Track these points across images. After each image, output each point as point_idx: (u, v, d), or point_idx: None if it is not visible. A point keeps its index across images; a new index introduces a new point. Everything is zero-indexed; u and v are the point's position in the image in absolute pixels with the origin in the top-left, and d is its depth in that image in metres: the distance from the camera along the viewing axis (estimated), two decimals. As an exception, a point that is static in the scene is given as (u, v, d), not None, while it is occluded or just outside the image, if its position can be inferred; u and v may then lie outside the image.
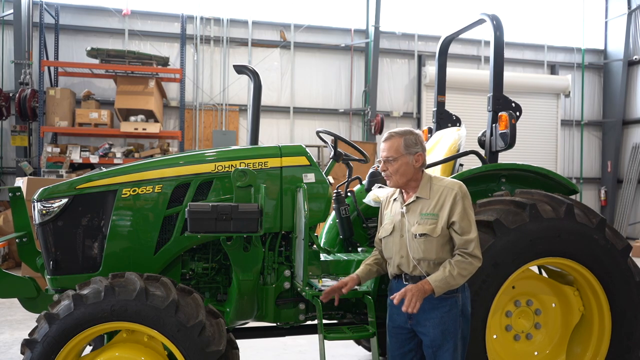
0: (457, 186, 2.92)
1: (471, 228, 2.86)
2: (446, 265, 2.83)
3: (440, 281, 2.81)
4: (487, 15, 4.00)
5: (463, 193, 2.89)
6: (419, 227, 2.90)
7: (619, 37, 16.42)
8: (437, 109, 4.75)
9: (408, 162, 2.95)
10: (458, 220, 2.85)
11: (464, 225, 2.85)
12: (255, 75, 4.05)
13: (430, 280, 2.81)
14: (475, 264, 2.84)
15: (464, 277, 2.83)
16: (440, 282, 2.81)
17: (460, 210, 2.86)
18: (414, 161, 2.96)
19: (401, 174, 2.98)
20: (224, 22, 13.95)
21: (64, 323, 2.84)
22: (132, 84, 11.95)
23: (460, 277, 2.82)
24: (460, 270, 2.81)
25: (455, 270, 2.81)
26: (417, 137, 3.01)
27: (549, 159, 15.87)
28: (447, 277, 2.80)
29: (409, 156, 2.95)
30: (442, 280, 2.80)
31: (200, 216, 3.19)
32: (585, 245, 3.51)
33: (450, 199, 2.88)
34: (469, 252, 2.82)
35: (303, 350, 5.26)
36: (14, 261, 9.31)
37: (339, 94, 14.79)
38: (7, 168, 12.83)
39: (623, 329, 3.60)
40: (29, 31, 12.42)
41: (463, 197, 2.88)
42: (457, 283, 2.83)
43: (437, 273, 2.83)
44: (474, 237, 2.84)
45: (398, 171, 2.97)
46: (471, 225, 2.87)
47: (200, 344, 2.88)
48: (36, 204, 3.40)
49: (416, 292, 2.78)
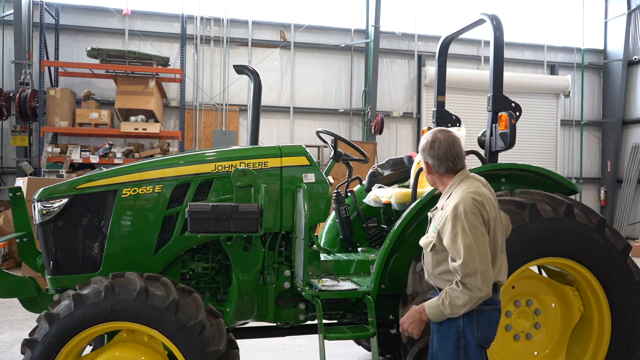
0: (456, 201, 2.62)
1: (460, 254, 2.54)
2: (442, 293, 2.64)
3: (433, 308, 2.65)
4: (487, 15, 4.00)
5: (459, 212, 2.58)
6: (424, 238, 2.83)
7: (618, 37, 16.41)
8: (437, 109, 4.75)
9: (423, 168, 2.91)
10: (446, 243, 2.62)
11: (452, 250, 2.60)
12: (255, 75, 4.05)
13: (425, 306, 2.69)
14: (467, 295, 2.53)
15: (459, 307, 2.56)
16: (433, 309, 2.66)
17: (449, 232, 2.59)
18: (425, 169, 2.89)
19: (426, 179, 2.97)
20: (224, 22, 13.95)
21: (64, 323, 2.84)
22: (132, 84, 11.94)
23: (453, 306, 2.57)
24: (451, 300, 2.58)
25: (447, 299, 2.59)
26: (428, 144, 2.80)
27: (548, 159, 15.87)
28: (439, 305, 2.63)
29: (423, 163, 2.89)
30: (435, 307, 2.65)
31: (200, 216, 3.19)
32: (585, 245, 3.51)
33: (445, 215, 2.65)
34: (460, 279, 2.55)
35: (303, 350, 5.26)
36: (14, 261, 9.31)
37: (339, 94, 14.78)
38: (7, 168, 12.83)
39: (623, 329, 3.59)
40: (29, 31, 12.42)
41: (456, 217, 2.58)
42: (452, 312, 2.59)
43: (433, 300, 2.69)
44: (459, 264, 2.54)
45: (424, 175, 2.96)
46: (460, 251, 2.54)
47: (200, 344, 2.89)
48: (36, 204, 3.40)
49: (410, 321, 2.74)
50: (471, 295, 2.53)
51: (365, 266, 3.87)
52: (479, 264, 2.53)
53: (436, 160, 2.78)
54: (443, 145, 2.76)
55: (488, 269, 2.56)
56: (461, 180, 2.77)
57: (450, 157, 2.76)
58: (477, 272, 2.52)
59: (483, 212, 2.62)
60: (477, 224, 2.58)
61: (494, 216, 2.69)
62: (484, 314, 2.67)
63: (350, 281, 3.55)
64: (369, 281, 3.53)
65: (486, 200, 2.67)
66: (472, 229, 2.56)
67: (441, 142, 2.76)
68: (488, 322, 2.69)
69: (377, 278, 3.45)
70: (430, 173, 2.86)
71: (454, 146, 2.78)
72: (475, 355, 2.68)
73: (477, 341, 2.67)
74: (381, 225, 4.43)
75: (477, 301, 2.57)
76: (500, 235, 2.72)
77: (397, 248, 3.55)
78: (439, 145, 2.76)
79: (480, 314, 2.66)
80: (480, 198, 2.64)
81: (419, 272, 3.27)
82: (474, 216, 2.57)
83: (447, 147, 2.76)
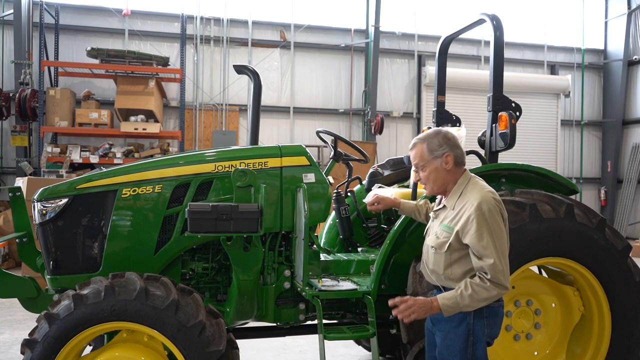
0: (479, 200, 2.59)
1: (489, 252, 2.52)
2: (461, 285, 2.58)
3: (449, 299, 2.57)
4: (487, 15, 4.00)
5: (484, 211, 2.55)
6: (433, 238, 2.78)
7: (618, 37, 16.41)
8: (437, 109, 4.74)
9: (437, 167, 2.75)
10: (471, 242, 2.57)
11: (479, 249, 2.55)
12: (255, 75, 4.05)
13: (440, 297, 2.60)
14: (495, 291, 2.52)
15: (477, 301, 2.54)
16: (449, 300, 2.57)
17: (474, 230, 2.55)
18: (443, 164, 2.74)
19: (433, 181, 2.80)
20: (224, 22, 13.95)
21: (64, 323, 2.84)
22: (132, 84, 11.94)
23: (472, 299, 2.53)
24: (473, 292, 2.52)
25: (468, 290, 2.54)
26: (443, 138, 2.75)
27: (549, 159, 15.87)
28: (457, 296, 2.56)
29: (435, 160, 2.75)
30: (452, 299, 2.57)
31: (200, 216, 3.19)
32: (585, 245, 3.51)
33: (466, 215, 2.60)
34: (490, 277, 2.52)
35: (303, 350, 5.26)
36: (14, 261, 9.31)
37: (339, 94, 14.78)
38: (7, 168, 12.83)
39: (623, 329, 3.59)
40: (29, 31, 12.42)
41: (481, 216, 2.55)
42: (467, 305, 2.55)
43: (450, 292, 2.61)
44: (491, 262, 2.51)
45: (429, 178, 2.80)
46: (489, 249, 2.52)
47: (200, 344, 2.88)
48: (36, 204, 3.40)
49: (419, 304, 2.58)
50: (498, 292, 2.55)
51: (365, 266, 3.87)
52: (504, 263, 2.56)
53: (459, 150, 2.77)
54: (456, 139, 2.80)
55: (508, 267, 2.60)
56: (470, 179, 2.77)
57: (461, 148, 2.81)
58: (504, 271, 2.55)
59: (503, 212, 2.66)
60: (500, 222, 2.61)
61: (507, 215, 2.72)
62: (494, 310, 2.70)
63: (350, 281, 3.55)
64: (369, 281, 3.53)
65: (501, 200, 2.70)
66: (497, 228, 2.58)
67: (451, 134, 2.80)
68: (496, 318, 2.73)
69: (377, 278, 3.45)
70: (451, 168, 2.75)
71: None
72: (482, 352, 2.70)
73: (486, 337, 2.70)
74: (381, 225, 4.43)
75: (497, 298, 2.59)
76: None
77: (397, 248, 3.54)
78: (452, 137, 2.78)
79: (490, 311, 2.68)
80: (498, 197, 2.67)
81: (419, 272, 3.26)
82: (497, 215, 2.60)
83: (458, 139, 2.81)
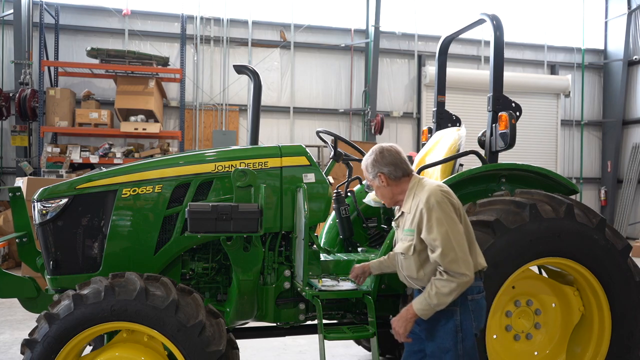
0: (427, 195, 2.70)
1: (438, 242, 2.62)
2: (427, 286, 2.68)
3: (421, 303, 2.68)
4: (487, 15, 4.00)
5: (431, 204, 2.66)
6: (399, 245, 2.88)
7: (618, 37, 16.42)
8: (437, 109, 4.75)
9: (378, 185, 2.93)
10: (425, 235, 2.67)
11: (430, 240, 2.65)
12: (255, 75, 4.05)
13: (413, 304, 2.72)
14: (454, 282, 2.60)
15: (444, 296, 2.61)
16: (421, 304, 2.68)
17: (425, 224, 2.67)
18: (380, 182, 2.90)
19: (382, 196, 2.98)
20: (224, 22, 13.95)
21: (64, 323, 2.84)
22: (132, 84, 11.95)
23: (439, 296, 2.61)
24: (437, 289, 2.62)
25: (433, 288, 2.63)
26: (374, 159, 2.89)
27: (549, 159, 15.87)
28: (426, 298, 2.66)
29: (374, 180, 2.92)
30: (423, 302, 2.67)
31: (200, 216, 3.19)
32: (585, 245, 3.51)
33: (419, 212, 2.71)
34: (444, 268, 2.62)
35: (303, 350, 5.26)
36: (14, 261, 9.31)
37: (339, 94, 14.79)
38: (7, 168, 12.83)
39: (623, 329, 3.59)
40: (29, 31, 12.42)
41: (430, 208, 2.66)
42: (439, 302, 2.63)
43: (421, 295, 2.71)
44: (439, 253, 2.61)
45: (378, 194, 2.99)
46: (438, 240, 2.62)
47: (200, 344, 2.88)
48: (36, 204, 3.40)
49: (399, 321, 2.75)
50: (457, 281, 2.61)
51: (365, 266, 3.86)
52: (458, 250, 2.62)
53: (391, 166, 2.86)
54: (392, 153, 2.89)
55: (466, 254, 2.65)
56: (418, 182, 2.87)
57: (402, 161, 2.88)
58: (457, 258, 2.61)
59: (452, 200, 2.75)
60: (449, 212, 2.68)
61: (461, 204, 2.82)
62: (477, 302, 2.79)
63: (350, 281, 3.55)
64: (369, 281, 3.53)
65: (451, 191, 2.80)
66: (446, 217, 2.66)
67: (389, 151, 2.89)
68: (481, 309, 2.82)
69: (377, 278, 3.45)
70: (388, 184, 2.89)
71: (401, 153, 2.92)
72: (472, 346, 2.77)
73: (474, 330, 2.77)
74: (381, 225, 4.43)
75: (462, 287, 2.63)
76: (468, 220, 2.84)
77: (397, 248, 3.54)
78: (388, 153, 2.88)
79: (475, 303, 2.77)
80: (446, 188, 2.79)
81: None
82: (445, 205, 2.69)
83: (396, 153, 2.89)
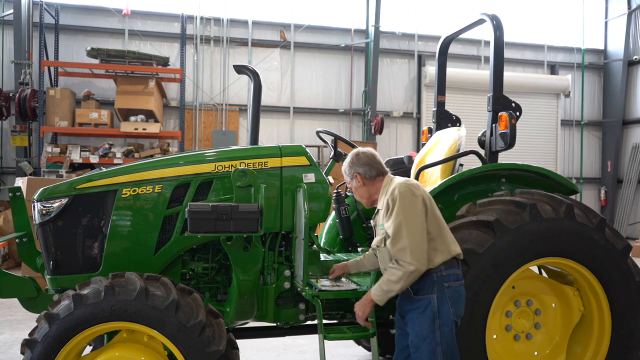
0: (392, 190, 2.92)
1: (390, 231, 2.85)
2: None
3: (376, 289, 2.92)
4: (487, 15, 4.00)
5: (394, 195, 2.88)
6: (376, 239, 3.08)
7: (618, 37, 16.42)
8: (437, 109, 4.75)
9: (355, 185, 3.15)
10: (385, 224, 2.91)
11: (386, 228, 2.89)
12: (255, 75, 4.05)
13: (372, 289, 2.95)
14: (400, 270, 2.80)
15: (395, 283, 2.82)
16: (376, 290, 2.91)
17: (388, 214, 2.89)
18: (356, 182, 3.12)
19: (359, 197, 3.19)
20: (224, 22, 13.95)
21: (64, 323, 2.84)
22: (132, 84, 11.95)
23: (389, 282, 2.83)
24: (389, 276, 2.84)
25: (385, 276, 2.87)
26: (350, 160, 3.13)
27: (549, 159, 15.87)
28: (380, 284, 2.89)
29: (352, 181, 3.15)
30: (377, 288, 2.91)
31: (200, 216, 3.19)
32: (585, 245, 3.51)
33: (385, 204, 2.93)
34: (395, 257, 2.83)
35: (303, 350, 5.26)
36: (14, 261, 9.31)
37: (339, 94, 14.79)
38: (7, 168, 12.83)
39: (623, 329, 3.60)
40: (29, 31, 12.42)
41: (394, 199, 2.88)
42: (389, 289, 2.85)
43: (379, 281, 2.94)
44: (390, 240, 2.84)
45: (356, 195, 3.20)
46: (391, 228, 2.84)
47: (200, 344, 2.88)
48: (36, 204, 3.40)
49: (359, 305, 2.99)
50: (403, 270, 2.78)
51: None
52: (407, 240, 2.78)
53: (366, 166, 3.09)
54: (367, 155, 3.13)
55: (417, 245, 2.79)
56: (390, 180, 3.08)
57: (377, 162, 3.11)
58: (405, 247, 2.78)
59: (416, 191, 2.91)
60: (410, 204, 2.84)
61: (429, 195, 2.98)
62: (456, 290, 2.91)
63: (350, 281, 3.55)
64: (369, 281, 3.53)
65: (418, 184, 2.98)
66: (405, 209, 2.83)
67: (364, 153, 3.13)
68: (459, 297, 2.93)
69: (377, 278, 3.45)
70: (364, 184, 3.10)
71: (375, 155, 3.14)
72: (450, 333, 2.87)
73: (453, 317, 2.89)
74: (381, 225, 4.43)
75: (409, 276, 2.79)
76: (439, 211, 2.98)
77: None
78: (364, 155, 3.12)
79: (452, 290, 2.89)
80: (412, 182, 2.97)
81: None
82: (406, 197, 2.86)
83: (371, 155, 3.13)
